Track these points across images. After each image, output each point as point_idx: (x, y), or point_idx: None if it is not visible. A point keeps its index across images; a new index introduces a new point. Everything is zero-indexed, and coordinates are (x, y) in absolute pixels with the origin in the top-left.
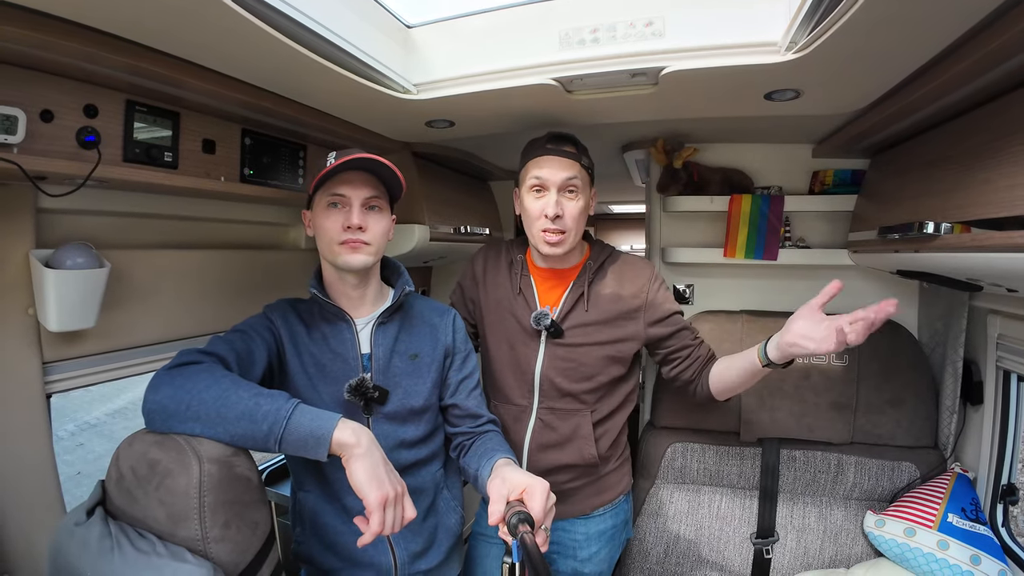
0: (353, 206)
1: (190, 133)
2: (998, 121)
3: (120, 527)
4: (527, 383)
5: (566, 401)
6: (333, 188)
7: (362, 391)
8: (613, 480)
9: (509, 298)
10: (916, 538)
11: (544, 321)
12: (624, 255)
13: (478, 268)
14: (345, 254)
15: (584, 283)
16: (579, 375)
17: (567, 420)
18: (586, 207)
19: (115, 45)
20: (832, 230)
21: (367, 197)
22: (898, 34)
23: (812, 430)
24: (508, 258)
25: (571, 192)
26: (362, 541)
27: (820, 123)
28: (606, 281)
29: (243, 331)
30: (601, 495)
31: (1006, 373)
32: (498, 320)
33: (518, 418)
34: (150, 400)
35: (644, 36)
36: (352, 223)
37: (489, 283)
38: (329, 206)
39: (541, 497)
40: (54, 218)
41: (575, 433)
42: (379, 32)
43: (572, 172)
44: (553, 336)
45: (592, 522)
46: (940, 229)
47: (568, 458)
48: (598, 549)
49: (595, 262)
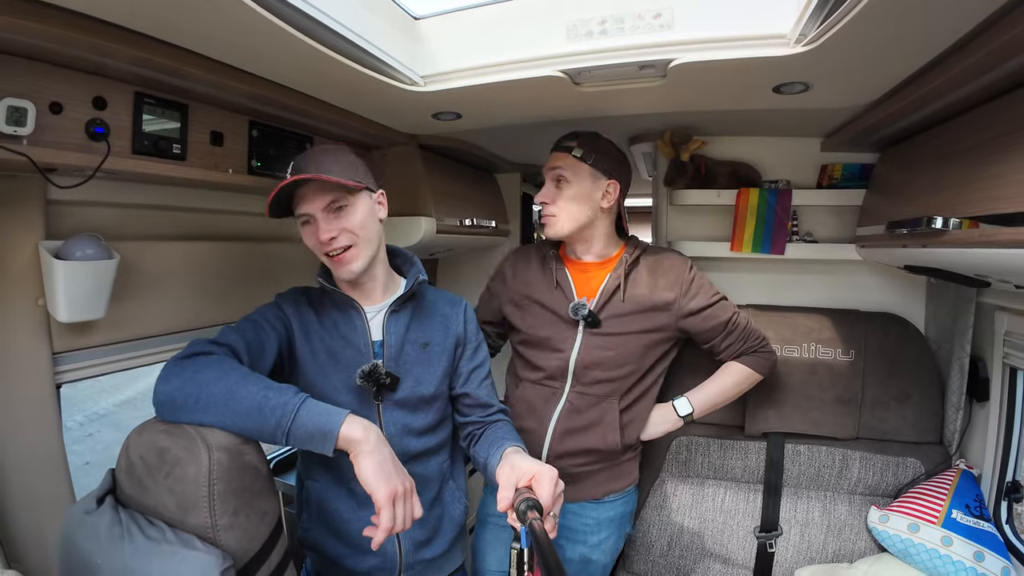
0: (317, 220)
1: (198, 125)
2: (1009, 116)
3: (130, 515)
4: (562, 369)
5: (597, 387)
6: (296, 208)
7: (375, 377)
8: (628, 468)
9: (546, 291)
10: (920, 534)
11: (582, 311)
12: (660, 249)
13: (507, 271)
14: (336, 267)
15: (620, 275)
16: (613, 363)
17: (595, 406)
18: (579, 196)
19: (123, 37)
20: (840, 224)
21: (326, 204)
22: (909, 27)
23: (817, 425)
24: (540, 255)
25: (559, 180)
26: (375, 543)
27: (829, 116)
28: (641, 274)
29: (255, 320)
30: (616, 481)
31: (1013, 370)
32: (533, 313)
33: (548, 399)
34: (160, 391)
35: (652, 28)
36: (322, 238)
37: (520, 281)
38: (302, 224)
39: (549, 484)
40: (63, 209)
41: (601, 419)
42: (386, 24)
43: (560, 163)
44: (590, 326)
45: (603, 507)
46: (949, 224)
47: (591, 443)
48: (607, 535)
49: (630, 255)
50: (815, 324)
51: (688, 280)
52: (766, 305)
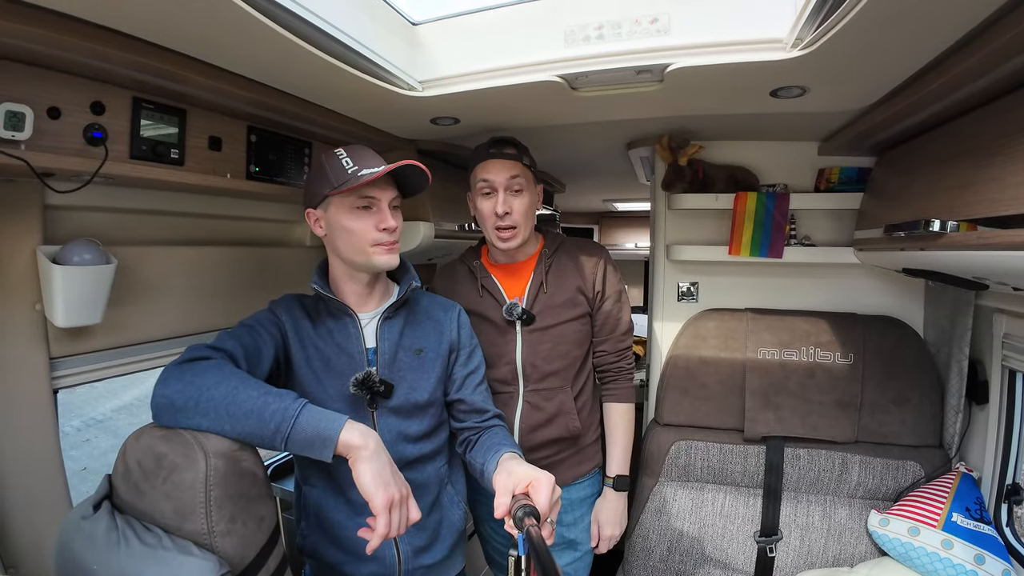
0: (384, 208)
1: (196, 130)
2: (1007, 118)
3: (127, 520)
4: (511, 371)
5: (548, 381)
6: (362, 191)
7: (368, 384)
8: (590, 452)
9: (476, 301)
10: (920, 537)
11: (516, 311)
12: (577, 240)
13: (439, 290)
14: (380, 255)
15: (543, 270)
16: (555, 354)
17: (552, 399)
18: (533, 202)
19: (122, 42)
20: (838, 228)
21: (393, 198)
22: (906, 30)
23: (817, 428)
24: (465, 267)
25: (517, 191)
26: (371, 547)
27: (826, 120)
28: (564, 265)
29: (250, 326)
30: (581, 466)
31: (1012, 372)
32: (473, 325)
33: (507, 403)
34: (159, 395)
35: (649, 33)
36: (389, 225)
37: (452, 297)
38: (358, 208)
39: (547, 491)
40: (61, 214)
41: (560, 409)
42: (384, 29)
43: (515, 171)
44: (526, 323)
45: (573, 489)
46: (946, 227)
47: (555, 433)
48: (581, 515)
49: (550, 249)
50: (813, 328)
51: (604, 268)
52: (764, 309)
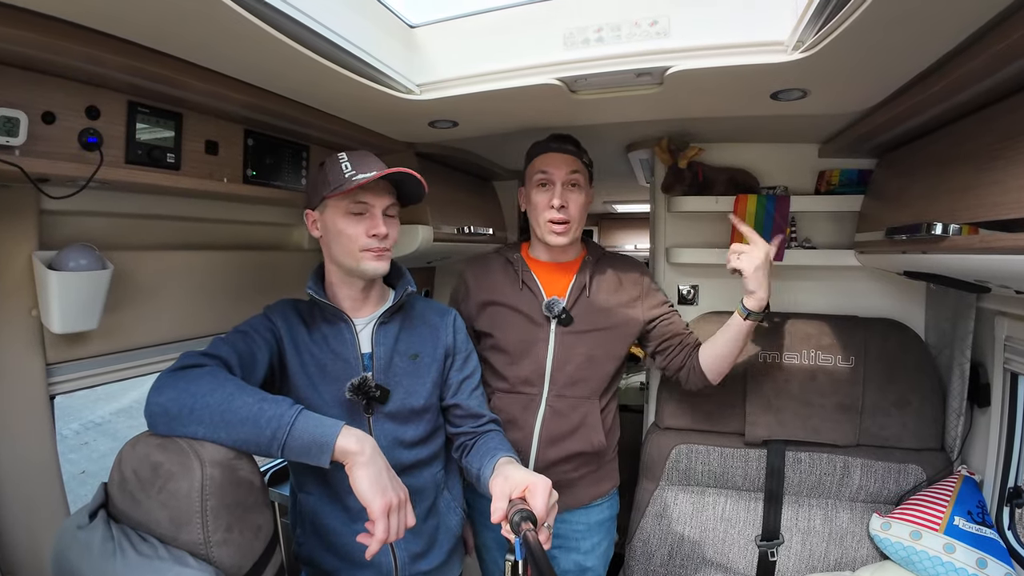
0: (376, 215)
1: (193, 134)
2: (1008, 121)
3: (122, 530)
4: (537, 371)
5: (576, 388)
6: (356, 195)
7: (364, 390)
8: (609, 471)
9: (511, 293)
10: (922, 541)
11: (556, 308)
12: (616, 253)
13: (469, 280)
14: (369, 261)
15: (587, 274)
16: (589, 360)
17: (577, 408)
18: (587, 202)
19: (117, 47)
20: (838, 231)
21: (388, 205)
22: (907, 33)
23: (818, 432)
24: (501, 260)
25: (574, 186)
26: (370, 552)
27: (827, 123)
28: (606, 273)
29: (245, 332)
30: (599, 485)
31: (1014, 375)
32: (501, 318)
33: (527, 407)
34: (153, 403)
35: (649, 35)
36: (380, 231)
37: (483, 288)
38: (351, 213)
39: (543, 495)
40: (57, 220)
41: (583, 421)
42: (382, 32)
43: (575, 167)
44: (562, 323)
45: (591, 512)
46: (948, 230)
47: (577, 446)
48: (599, 540)
49: (593, 256)
50: (814, 330)
51: (649, 281)
52: None
